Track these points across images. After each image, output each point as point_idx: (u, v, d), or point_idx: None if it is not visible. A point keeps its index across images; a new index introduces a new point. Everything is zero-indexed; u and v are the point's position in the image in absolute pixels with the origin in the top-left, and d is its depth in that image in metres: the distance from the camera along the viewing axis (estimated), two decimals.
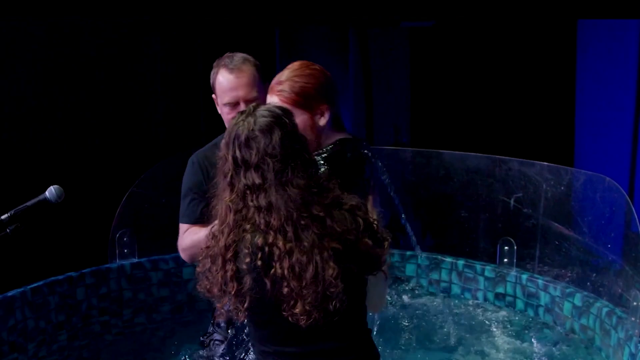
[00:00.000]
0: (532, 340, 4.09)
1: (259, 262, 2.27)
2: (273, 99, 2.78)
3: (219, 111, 3.34)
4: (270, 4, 6.42)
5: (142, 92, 6.01)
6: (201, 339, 3.65)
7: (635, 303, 3.52)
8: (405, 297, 4.75)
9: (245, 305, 2.32)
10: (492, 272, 4.48)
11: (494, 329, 4.30)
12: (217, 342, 3.51)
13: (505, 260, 4.45)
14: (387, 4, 6.87)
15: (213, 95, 3.36)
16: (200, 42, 6.20)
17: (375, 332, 3.05)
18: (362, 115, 7.52)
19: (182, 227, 3.39)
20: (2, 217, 2.95)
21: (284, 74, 2.82)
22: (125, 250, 4.61)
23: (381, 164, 3.14)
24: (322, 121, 2.81)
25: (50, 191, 3.00)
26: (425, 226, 5.07)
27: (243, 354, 2.99)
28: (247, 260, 2.28)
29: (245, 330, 2.97)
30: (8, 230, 2.94)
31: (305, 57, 7.49)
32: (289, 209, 2.28)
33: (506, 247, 4.45)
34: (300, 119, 2.73)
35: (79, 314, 4.38)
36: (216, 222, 2.40)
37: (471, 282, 4.57)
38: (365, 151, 2.91)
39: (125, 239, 4.60)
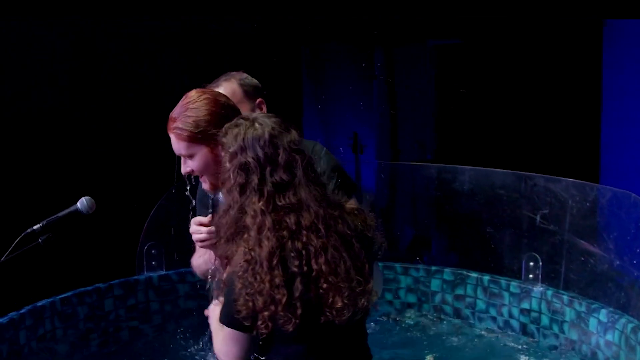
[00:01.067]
0: None
1: (305, 268, 2.23)
2: (171, 137, 2.68)
3: None
4: (297, 21, 6.49)
5: (172, 106, 6.08)
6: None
7: None
8: (429, 314, 4.78)
9: (299, 312, 2.23)
10: (518, 288, 4.48)
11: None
12: None
13: (531, 276, 4.46)
14: (414, 23, 6.93)
15: None
16: (228, 58, 6.26)
17: None
18: (387, 132, 7.55)
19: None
20: (35, 227, 3.00)
21: (176, 110, 2.70)
22: (153, 263, 4.66)
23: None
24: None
25: (82, 202, 3.04)
26: (451, 242, 5.09)
27: None
28: (297, 263, 2.23)
29: None
30: (40, 240, 2.99)
31: (331, 74, 7.62)
32: (317, 206, 2.27)
33: (531, 263, 4.45)
34: (200, 154, 2.64)
35: (106, 325, 4.44)
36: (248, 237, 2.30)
37: (496, 298, 4.57)
38: None
39: (153, 251, 4.65)
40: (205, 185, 2.74)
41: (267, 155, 2.29)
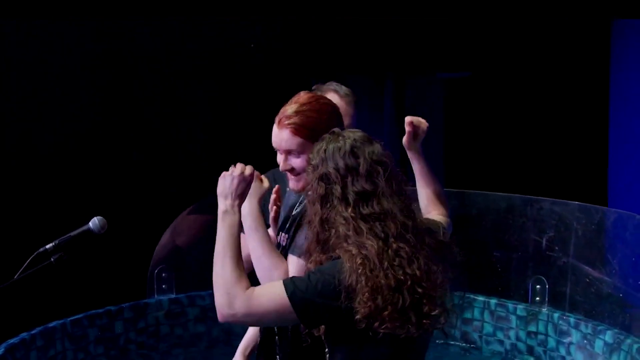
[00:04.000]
0: None
1: (402, 276, 2.19)
2: (283, 133, 2.64)
3: None
4: (309, 53, 6.59)
5: (185, 132, 6.16)
6: None
7: None
8: (436, 337, 4.78)
9: (413, 318, 2.19)
10: (524, 311, 4.51)
11: None
12: None
13: (537, 298, 4.48)
14: (424, 55, 7.03)
15: None
16: (242, 88, 6.35)
17: None
18: (397, 160, 7.59)
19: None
20: (47, 246, 3.04)
21: (293, 107, 2.68)
22: (164, 286, 4.70)
23: None
24: None
25: (94, 222, 3.07)
26: (458, 266, 5.11)
27: None
28: (395, 269, 2.19)
29: None
30: (52, 259, 3.03)
31: None
32: (403, 217, 2.25)
33: (538, 286, 4.48)
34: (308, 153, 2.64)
35: (116, 347, 4.48)
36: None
37: (503, 321, 4.59)
38: None
39: (163, 274, 4.70)
40: (298, 184, 2.67)
41: (347, 165, 2.29)
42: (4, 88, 5.50)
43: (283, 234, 2.82)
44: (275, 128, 2.70)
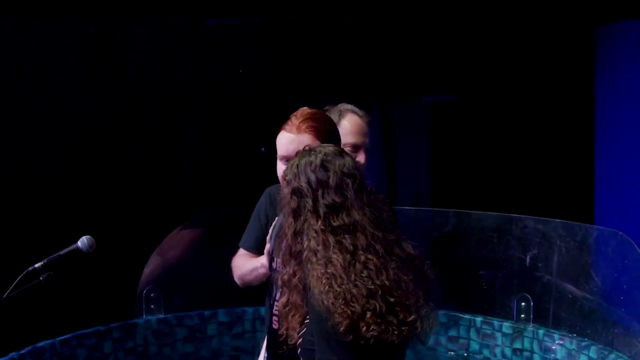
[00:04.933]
0: None
1: (372, 286, 2.27)
2: (303, 137, 2.75)
3: None
4: (295, 78, 6.65)
5: (177, 152, 6.18)
6: None
7: None
8: (423, 356, 4.81)
9: (395, 322, 2.28)
10: (510, 328, 4.55)
11: None
12: None
13: (522, 315, 4.52)
14: (410, 79, 7.11)
15: None
16: (233, 111, 6.39)
17: None
18: (385, 184, 7.65)
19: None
20: (36, 265, 3.07)
21: (305, 115, 2.82)
22: (152, 306, 4.72)
23: None
24: None
25: (82, 241, 3.12)
26: (444, 284, 5.14)
27: None
28: (363, 281, 2.28)
29: None
30: (41, 278, 3.06)
31: None
32: (373, 229, 2.33)
33: (523, 303, 4.52)
34: None
35: None
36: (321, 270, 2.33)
37: (489, 339, 4.63)
38: None
39: (152, 294, 4.72)
40: None
41: (318, 178, 2.39)
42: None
43: (278, 260, 2.83)
44: (288, 135, 2.81)
